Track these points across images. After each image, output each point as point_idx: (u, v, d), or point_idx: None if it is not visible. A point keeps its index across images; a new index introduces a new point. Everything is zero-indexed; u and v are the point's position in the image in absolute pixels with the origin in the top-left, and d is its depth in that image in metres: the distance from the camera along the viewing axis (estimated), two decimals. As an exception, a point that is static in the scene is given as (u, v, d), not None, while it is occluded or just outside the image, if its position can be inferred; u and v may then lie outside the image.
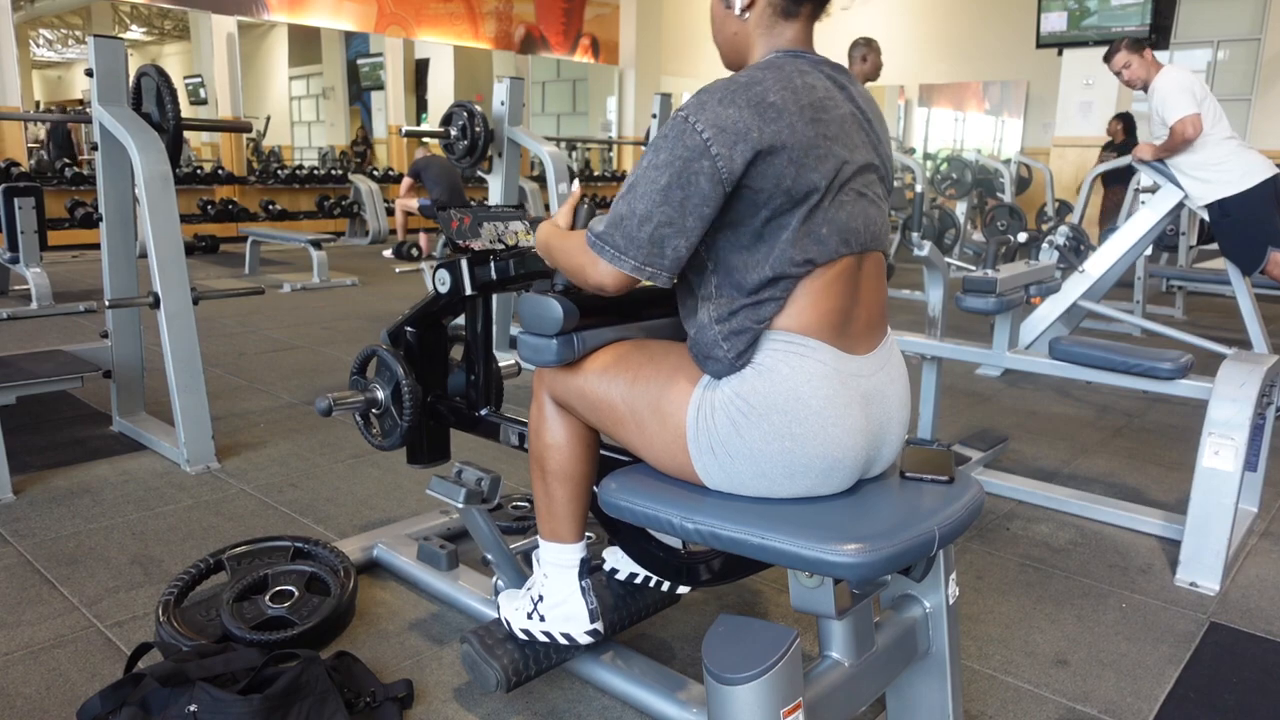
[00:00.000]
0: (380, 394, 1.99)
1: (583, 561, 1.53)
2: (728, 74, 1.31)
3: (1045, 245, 4.52)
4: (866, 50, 4.41)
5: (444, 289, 1.86)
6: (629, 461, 1.49)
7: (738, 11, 1.32)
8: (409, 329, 1.99)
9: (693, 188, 1.19)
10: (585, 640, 1.54)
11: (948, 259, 4.91)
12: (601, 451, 1.54)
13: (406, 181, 7.91)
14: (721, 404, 1.27)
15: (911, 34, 12.29)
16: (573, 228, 1.44)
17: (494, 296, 2.04)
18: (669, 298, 1.57)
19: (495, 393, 2.02)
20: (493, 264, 1.82)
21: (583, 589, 1.52)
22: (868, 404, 1.29)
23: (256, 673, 1.53)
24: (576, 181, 2.11)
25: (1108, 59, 4.10)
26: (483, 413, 1.96)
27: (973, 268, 3.57)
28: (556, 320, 1.38)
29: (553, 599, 1.54)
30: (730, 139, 1.19)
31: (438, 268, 1.88)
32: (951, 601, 1.49)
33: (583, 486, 1.50)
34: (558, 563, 1.53)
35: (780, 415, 1.24)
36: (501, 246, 1.87)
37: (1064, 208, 8.66)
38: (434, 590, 2.08)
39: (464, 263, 1.83)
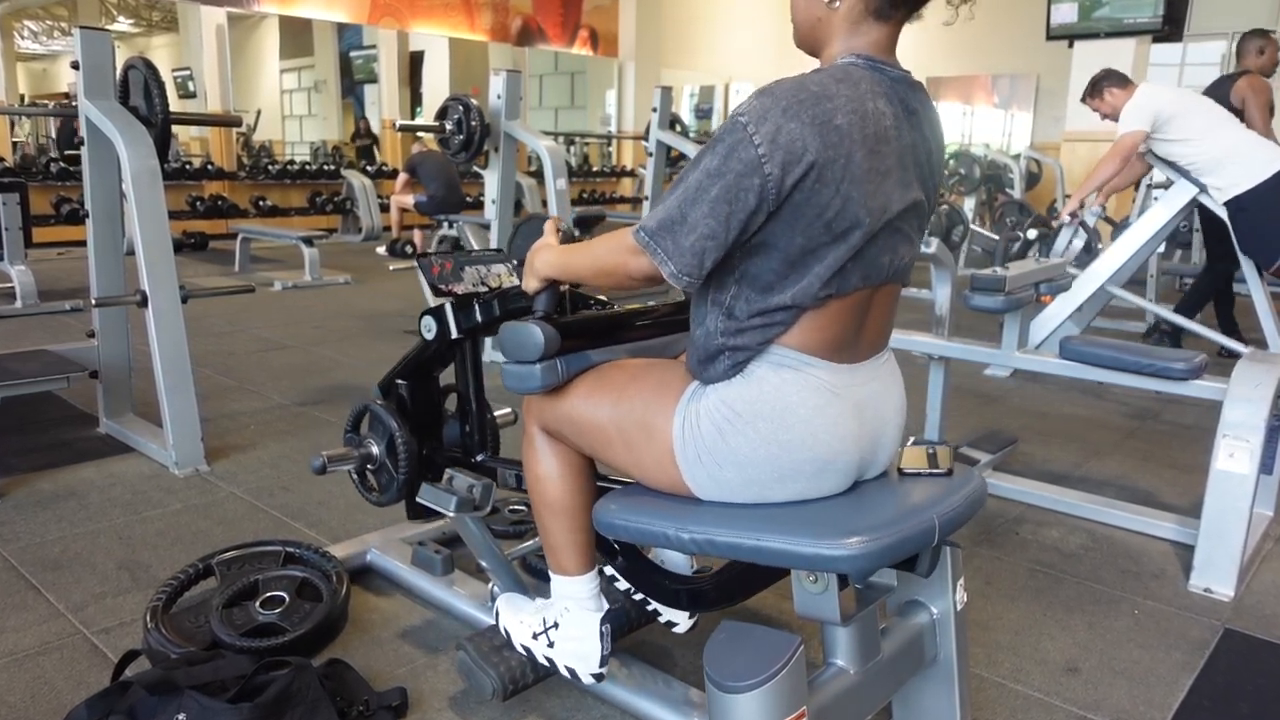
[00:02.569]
0: (375, 449, 2.02)
1: (607, 611, 1.54)
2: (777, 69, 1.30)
3: (1067, 220, 4.43)
4: (1265, 43, 4.27)
5: (430, 335, 1.89)
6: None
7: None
8: (400, 381, 2.02)
9: (739, 204, 1.17)
10: (588, 681, 1.54)
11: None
12: (600, 483, 1.55)
13: (402, 178, 7.90)
14: (706, 411, 1.28)
15: (919, 26, 12.24)
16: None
17: (483, 341, 2.07)
18: (648, 319, 1.59)
19: (491, 438, 2.04)
20: (477, 307, 1.85)
21: (602, 634, 1.52)
22: (861, 411, 1.31)
23: (247, 681, 1.53)
24: (550, 220, 2.16)
25: (1084, 101, 4.19)
26: (479, 458, 1.98)
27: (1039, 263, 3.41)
28: (538, 346, 1.39)
29: (569, 632, 1.53)
30: (785, 157, 1.15)
31: (422, 315, 1.91)
32: (959, 607, 1.49)
33: (580, 516, 1.50)
34: (568, 595, 1.53)
35: (766, 422, 1.25)
36: (485, 289, 1.90)
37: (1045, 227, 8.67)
38: (429, 596, 2.08)
39: (448, 307, 1.86)
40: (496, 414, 2.12)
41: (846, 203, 1.19)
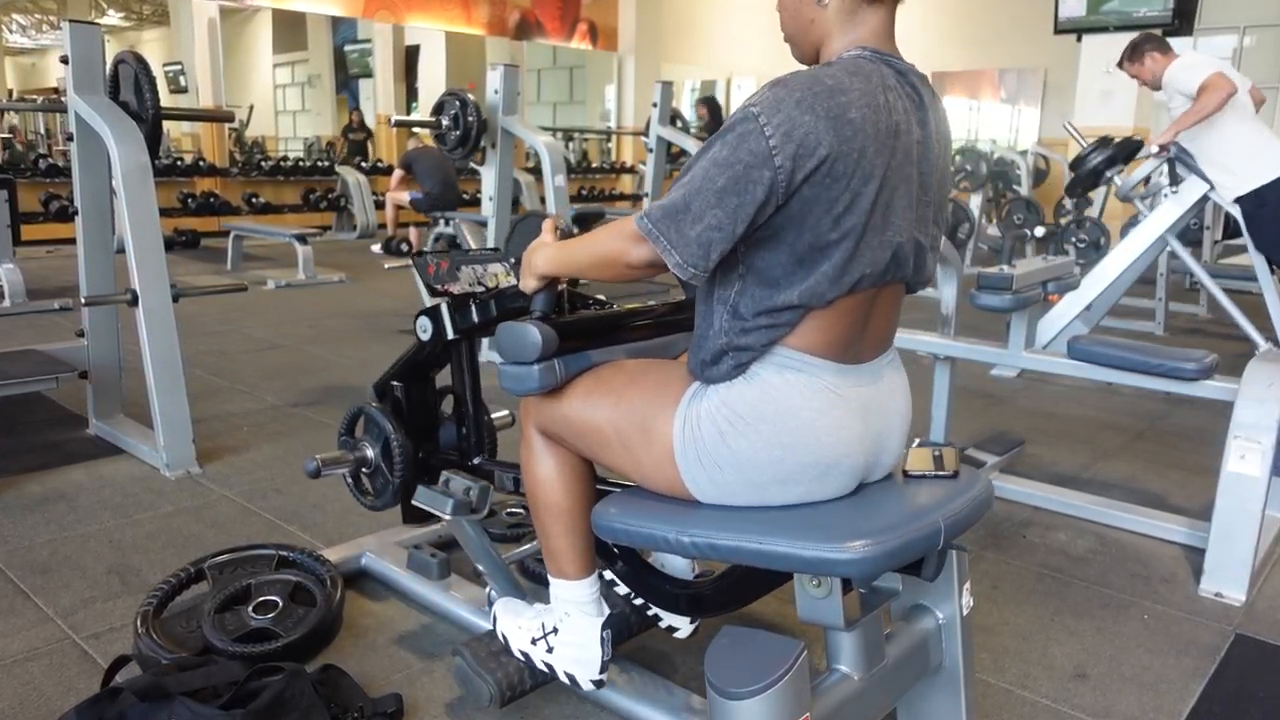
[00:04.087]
0: (370, 452, 2.03)
1: (608, 616, 1.54)
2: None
3: (1155, 150, 4.15)
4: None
5: (426, 336, 1.90)
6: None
7: None
8: (395, 383, 2.02)
9: (747, 195, 1.17)
10: (588, 688, 1.54)
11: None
12: (599, 485, 1.55)
13: (398, 174, 7.91)
14: (707, 413, 1.28)
15: (924, 19, 12.28)
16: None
17: (479, 341, 2.07)
18: (647, 319, 1.59)
19: (489, 441, 2.05)
20: (473, 306, 1.86)
21: (603, 639, 1.52)
22: (866, 413, 1.31)
23: (239, 687, 1.53)
24: (549, 219, 2.16)
25: (1120, 66, 4.15)
26: (476, 461, 1.98)
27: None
28: (535, 346, 1.39)
29: (569, 638, 1.53)
30: (796, 150, 1.15)
31: (418, 315, 1.92)
32: (965, 612, 1.49)
33: (579, 520, 1.50)
34: (568, 599, 1.53)
35: (769, 425, 1.25)
36: (481, 289, 1.90)
37: (1083, 201, 8.66)
38: (425, 600, 2.08)
39: (444, 307, 1.86)
40: (494, 416, 2.12)
41: (856, 198, 1.19)
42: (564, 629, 1.54)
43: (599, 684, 1.54)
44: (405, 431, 1.98)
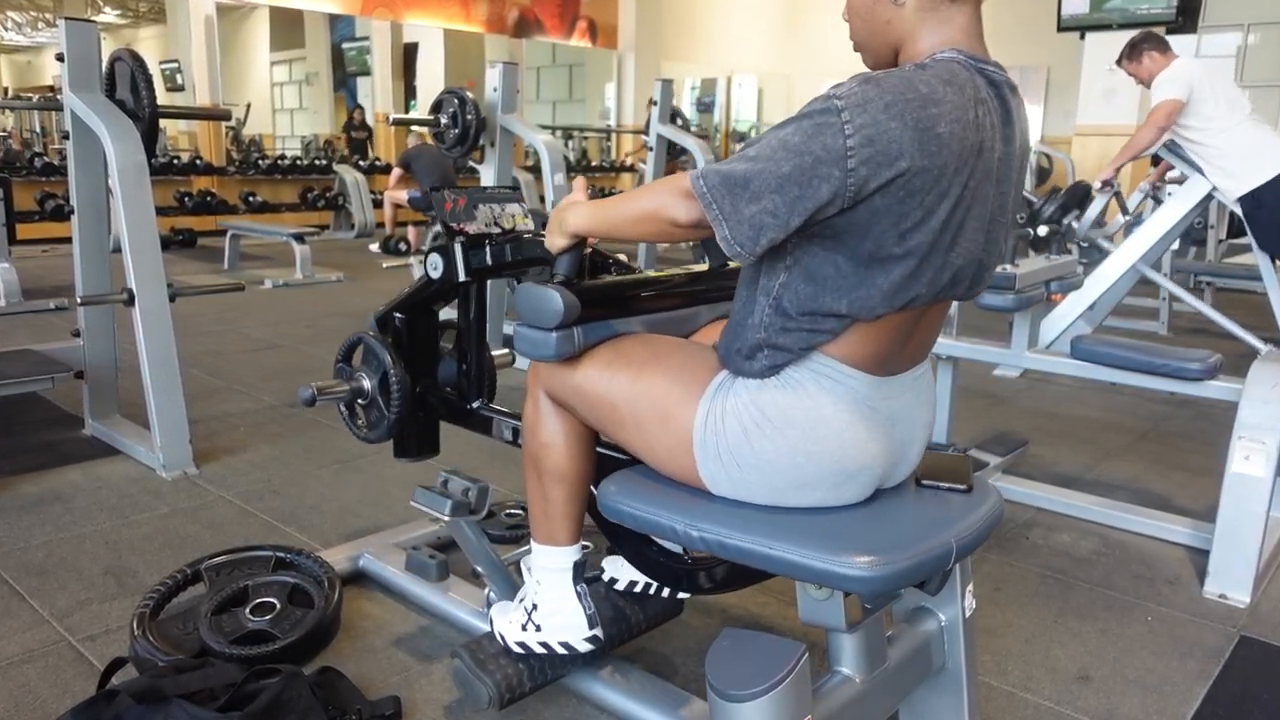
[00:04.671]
0: (367, 383, 1.98)
1: (576, 565, 1.53)
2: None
3: (1098, 186, 4.29)
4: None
5: (436, 274, 1.85)
6: (628, 461, 1.48)
7: None
8: (398, 315, 1.98)
9: (810, 189, 1.10)
10: (585, 648, 1.53)
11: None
12: (598, 449, 1.53)
13: (396, 172, 7.90)
14: (734, 410, 1.26)
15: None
16: None
17: (489, 284, 2.03)
18: (674, 289, 1.54)
19: (488, 385, 2.01)
20: (488, 248, 1.81)
21: (579, 594, 1.52)
22: (893, 425, 1.29)
23: (236, 689, 1.53)
24: (580, 178, 2.12)
25: (1119, 64, 4.16)
26: (475, 405, 1.96)
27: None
28: (556, 313, 1.35)
29: (548, 606, 1.53)
30: (875, 157, 1.09)
31: (429, 251, 1.86)
32: (968, 614, 1.49)
33: (579, 487, 1.50)
34: (551, 567, 1.52)
35: (797, 431, 1.23)
36: (498, 230, 1.86)
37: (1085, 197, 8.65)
38: (423, 602, 2.08)
39: (458, 247, 1.82)
40: (494, 354, 2.06)
41: (928, 216, 1.13)
42: (541, 601, 1.53)
43: (595, 641, 1.52)
44: (404, 365, 1.93)
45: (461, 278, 1.82)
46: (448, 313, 1.98)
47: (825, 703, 1.28)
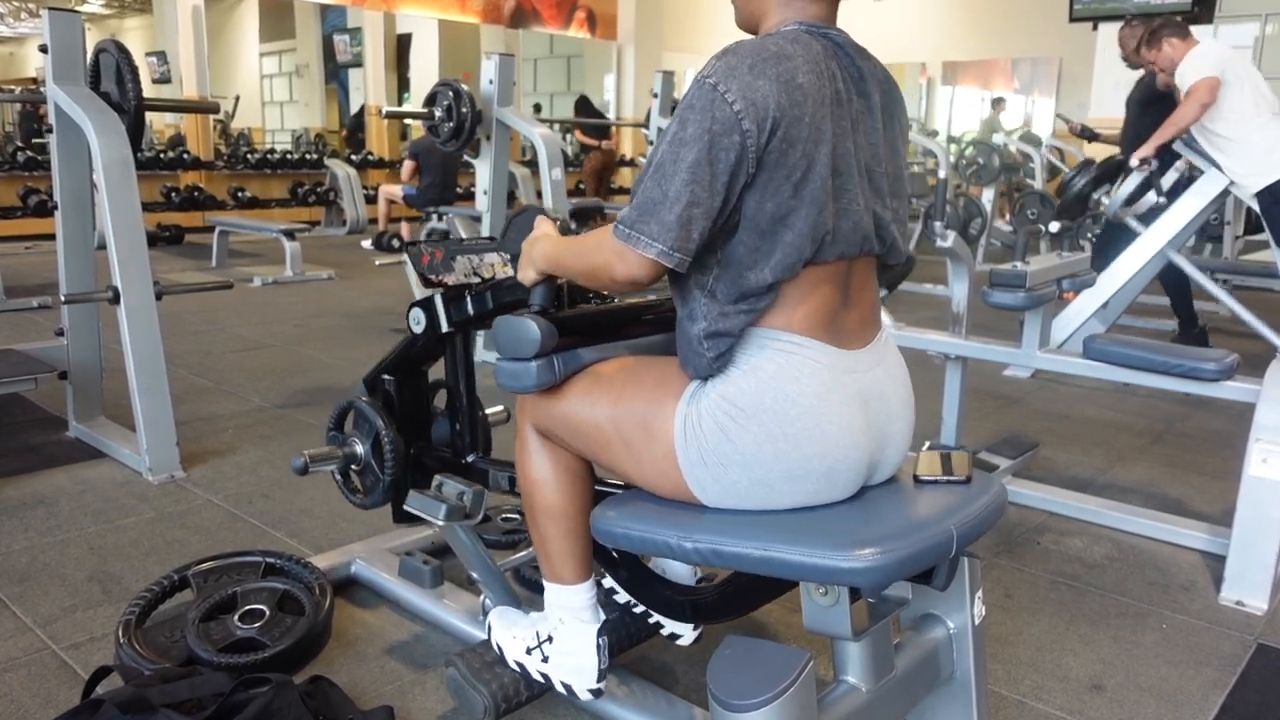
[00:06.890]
0: (359, 448, 2.02)
1: (604, 622, 1.54)
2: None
3: (1136, 164, 4.21)
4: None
5: (419, 329, 1.89)
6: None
7: None
8: (386, 377, 2.01)
9: (721, 164, 1.19)
10: (585, 697, 1.54)
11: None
12: (598, 486, 1.55)
13: (409, 164, 7.88)
14: (708, 410, 1.28)
15: (935, 7, 12.29)
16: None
17: (474, 335, 2.06)
18: (650, 314, 1.58)
19: (483, 438, 2.04)
20: (469, 298, 1.85)
21: (599, 645, 1.52)
22: (866, 402, 1.31)
23: (224, 699, 1.53)
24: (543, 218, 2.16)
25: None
26: (470, 459, 1.98)
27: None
28: (534, 341, 1.39)
29: (564, 646, 1.54)
30: (760, 114, 1.19)
31: (411, 307, 1.91)
32: (977, 622, 1.49)
33: (577, 522, 1.50)
34: (568, 606, 1.53)
35: (770, 415, 1.26)
36: (477, 280, 1.90)
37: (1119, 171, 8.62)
38: (417, 609, 2.08)
39: (438, 299, 1.85)
40: (488, 411, 2.11)
41: (812, 164, 1.22)
42: (559, 637, 1.54)
43: (596, 693, 1.54)
44: (397, 427, 1.97)
45: (444, 329, 1.86)
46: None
47: (831, 713, 1.28)
